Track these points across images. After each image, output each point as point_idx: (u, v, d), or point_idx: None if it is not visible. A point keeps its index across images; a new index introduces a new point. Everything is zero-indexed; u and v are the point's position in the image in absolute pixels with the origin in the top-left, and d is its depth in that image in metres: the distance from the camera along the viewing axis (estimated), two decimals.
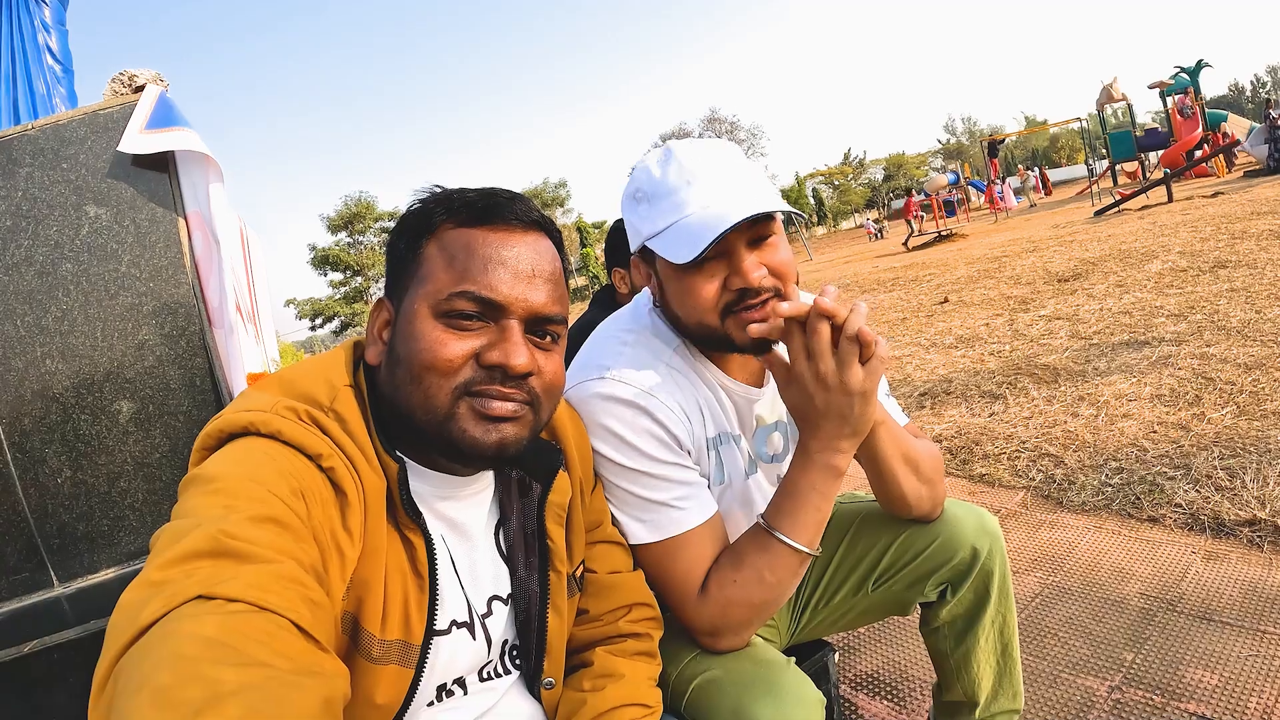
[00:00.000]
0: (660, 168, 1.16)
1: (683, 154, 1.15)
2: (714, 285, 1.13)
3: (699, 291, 1.13)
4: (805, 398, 1.06)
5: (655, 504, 1.13)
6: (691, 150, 1.16)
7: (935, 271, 11.37)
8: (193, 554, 0.61)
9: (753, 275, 1.10)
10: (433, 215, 0.90)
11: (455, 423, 0.84)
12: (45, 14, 3.33)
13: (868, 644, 2.25)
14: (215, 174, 2.00)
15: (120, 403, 1.92)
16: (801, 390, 1.06)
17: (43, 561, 1.89)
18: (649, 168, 1.18)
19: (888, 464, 1.23)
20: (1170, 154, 21.24)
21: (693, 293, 1.14)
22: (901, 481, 1.25)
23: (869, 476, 1.28)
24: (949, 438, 3.81)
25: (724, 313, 1.14)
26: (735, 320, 1.13)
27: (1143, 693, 1.76)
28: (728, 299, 1.13)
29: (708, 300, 1.13)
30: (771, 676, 1.07)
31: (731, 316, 1.13)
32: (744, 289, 1.11)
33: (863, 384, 1.02)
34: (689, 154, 1.15)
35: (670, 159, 1.16)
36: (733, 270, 1.12)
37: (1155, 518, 2.59)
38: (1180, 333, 4.60)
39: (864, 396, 1.03)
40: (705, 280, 1.13)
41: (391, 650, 0.83)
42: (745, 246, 1.11)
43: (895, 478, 1.25)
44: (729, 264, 1.12)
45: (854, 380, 1.02)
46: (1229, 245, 7.23)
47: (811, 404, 1.06)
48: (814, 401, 1.05)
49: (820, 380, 1.03)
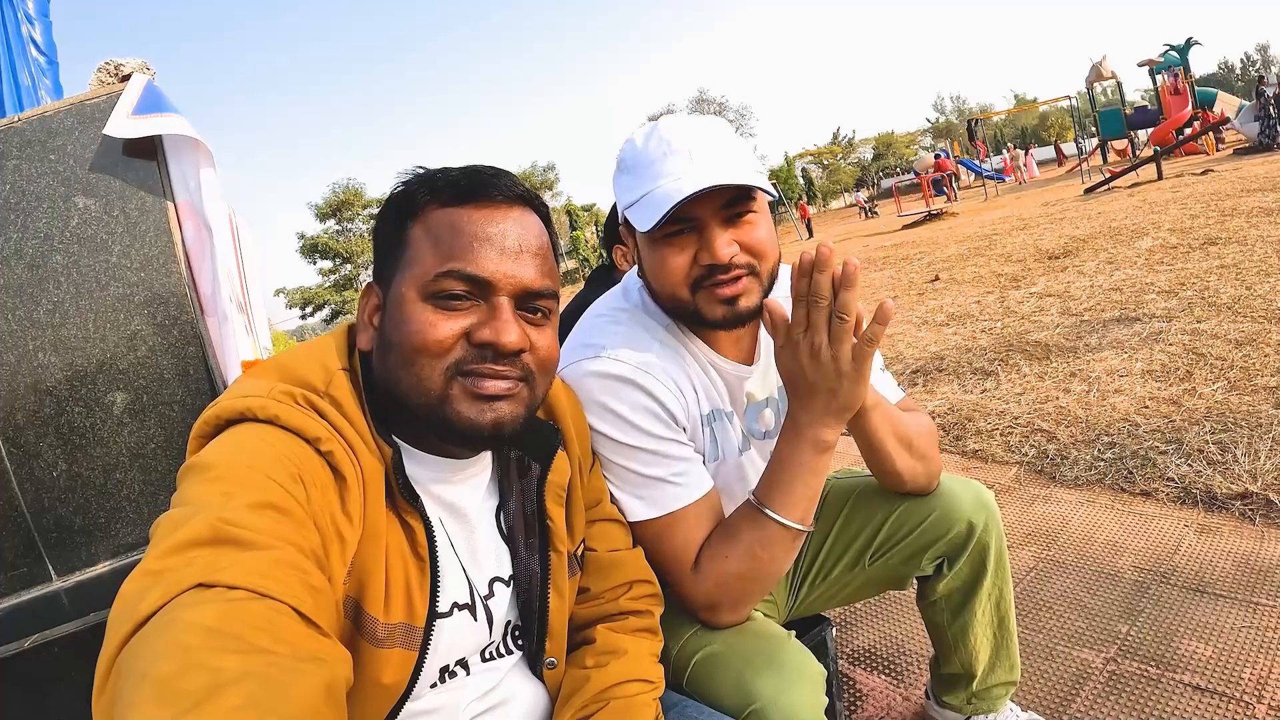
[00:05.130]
0: (643, 139, 1.17)
1: (666, 127, 1.16)
2: (684, 258, 1.13)
3: (669, 263, 1.14)
4: (798, 367, 1.06)
5: (653, 480, 1.13)
6: (675, 124, 1.16)
7: (926, 250, 11.37)
8: (192, 542, 0.61)
9: (721, 251, 1.10)
10: (416, 197, 0.89)
11: (449, 404, 0.84)
12: (29, 5, 3.29)
13: (865, 618, 2.27)
14: (206, 159, 1.98)
15: (114, 394, 1.91)
16: (794, 358, 1.06)
17: (40, 556, 1.88)
18: (634, 139, 1.19)
19: (880, 443, 1.23)
20: (1160, 132, 21.25)
21: (664, 264, 1.15)
22: (895, 459, 1.26)
23: (862, 453, 1.28)
24: (942, 414, 3.82)
25: (694, 286, 1.14)
26: (706, 294, 1.14)
27: (1138, 664, 1.78)
28: (697, 273, 1.13)
29: (677, 273, 1.14)
30: (772, 650, 1.08)
31: (702, 291, 1.14)
32: (712, 265, 1.11)
33: (852, 363, 1.02)
34: (672, 127, 1.15)
35: (654, 131, 1.16)
36: (703, 245, 1.12)
37: (1148, 492, 2.61)
38: (1171, 309, 4.62)
39: (853, 376, 1.03)
40: (675, 253, 1.13)
41: (395, 633, 0.83)
42: (720, 223, 1.11)
43: (889, 455, 1.25)
44: (700, 239, 1.12)
45: (844, 357, 1.02)
46: (1219, 222, 7.24)
47: (803, 375, 1.06)
48: (805, 373, 1.05)
49: (814, 353, 1.03)
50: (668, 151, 1.12)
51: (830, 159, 70.98)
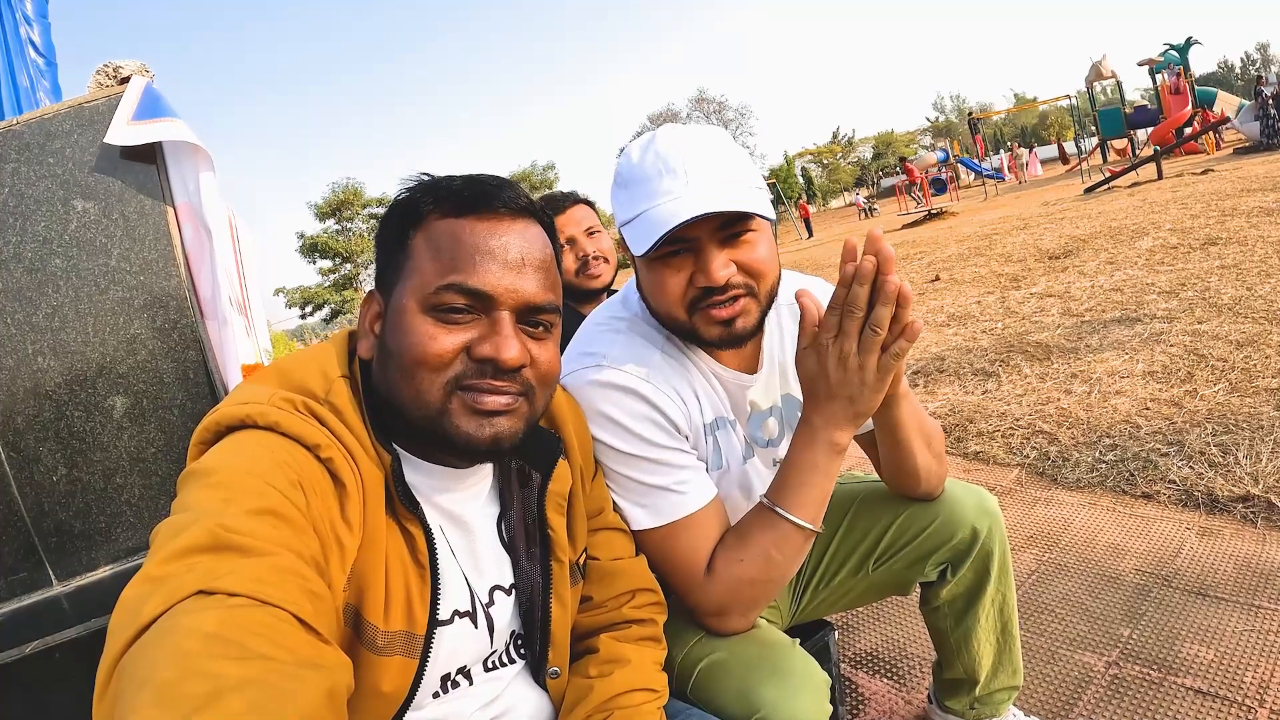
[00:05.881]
0: (639, 154, 1.14)
1: (663, 142, 1.13)
2: (680, 279, 1.11)
3: (664, 284, 1.12)
4: (821, 370, 1.04)
5: (656, 489, 1.13)
6: (672, 138, 1.13)
7: (926, 249, 11.37)
8: (192, 548, 0.61)
9: (718, 274, 1.08)
10: (419, 206, 0.88)
11: (448, 418, 0.83)
12: (27, 7, 3.29)
13: (868, 623, 2.27)
14: (205, 163, 1.97)
15: (114, 398, 1.90)
16: (820, 361, 1.04)
17: (41, 561, 1.87)
18: (630, 153, 1.16)
19: (906, 436, 1.23)
20: (1160, 131, 21.25)
21: (660, 285, 1.13)
22: (916, 454, 1.26)
23: (882, 448, 1.28)
24: (943, 416, 3.82)
25: (690, 308, 1.12)
26: (702, 315, 1.12)
27: (1140, 668, 1.77)
28: (693, 295, 1.11)
29: (673, 293, 1.12)
30: (777, 658, 1.08)
31: (699, 312, 1.12)
32: (708, 287, 1.10)
33: (876, 374, 1.01)
34: (669, 142, 1.12)
35: (650, 146, 1.13)
36: (699, 267, 1.10)
37: (1149, 494, 2.60)
38: (1172, 310, 4.62)
39: (874, 385, 1.02)
40: (671, 274, 1.11)
41: (395, 641, 0.82)
42: (717, 244, 1.09)
43: (911, 450, 1.25)
44: (697, 260, 1.10)
45: (870, 367, 1.01)
46: (1219, 222, 7.25)
47: (825, 379, 1.04)
48: (829, 378, 1.03)
49: (841, 358, 1.01)
50: (663, 170, 1.10)
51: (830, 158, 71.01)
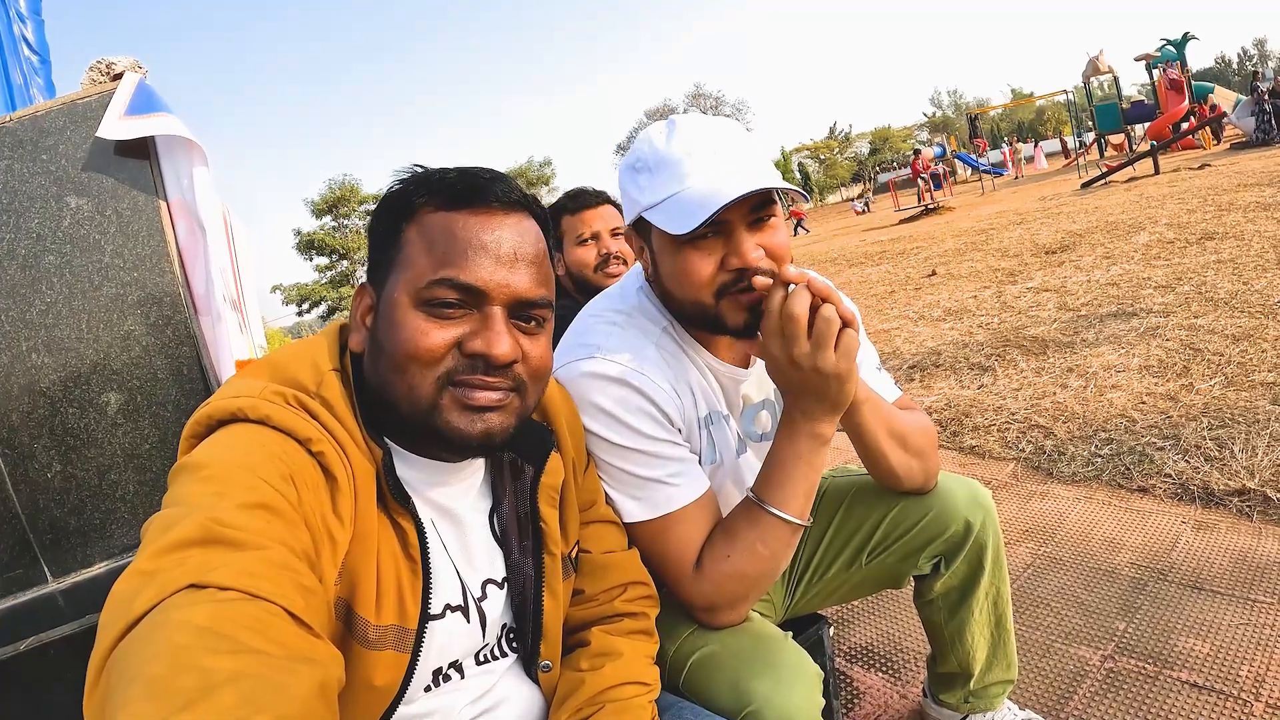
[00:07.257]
0: (664, 138, 1.14)
1: (686, 126, 1.13)
2: (711, 263, 1.11)
3: (695, 268, 1.11)
4: (784, 378, 1.07)
5: (648, 481, 1.13)
6: (695, 123, 1.14)
7: (922, 244, 11.36)
8: (183, 542, 0.61)
9: (751, 255, 1.09)
10: (411, 198, 0.88)
11: (439, 413, 0.83)
12: (20, 4, 3.28)
13: (862, 617, 2.27)
14: (199, 159, 1.97)
15: (108, 394, 1.90)
16: (777, 369, 1.07)
17: (36, 557, 1.87)
18: (651, 138, 1.16)
19: (873, 439, 1.23)
20: (1156, 126, 21.22)
21: (689, 269, 1.12)
22: (889, 456, 1.26)
23: (857, 451, 1.28)
24: (938, 410, 3.82)
25: (719, 292, 1.12)
26: (730, 301, 1.12)
27: (1135, 661, 1.78)
28: (724, 279, 1.11)
29: (703, 278, 1.11)
30: (769, 651, 1.08)
31: (727, 297, 1.12)
32: (742, 269, 1.10)
33: (836, 366, 1.02)
34: (693, 127, 1.13)
35: (674, 130, 1.14)
36: (731, 250, 1.10)
37: (1145, 488, 2.61)
38: (1168, 304, 4.62)
39: (839, 378, 1.03)
40: (702, 257, 1.11)
41: (387, 635, 0.82)
42: (746, 227, 1.10)
43: (882, 452, 1.25)
44: (727, 243, 1.10)
45: (827, 363, 1.02)
46: (1216, 217, 7.25)
47: (788, 381, 1.07)
48: (791, 380, 1.06)
49: (794, 363, 1.03)
50: (692, 150, 1.10)
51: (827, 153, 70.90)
